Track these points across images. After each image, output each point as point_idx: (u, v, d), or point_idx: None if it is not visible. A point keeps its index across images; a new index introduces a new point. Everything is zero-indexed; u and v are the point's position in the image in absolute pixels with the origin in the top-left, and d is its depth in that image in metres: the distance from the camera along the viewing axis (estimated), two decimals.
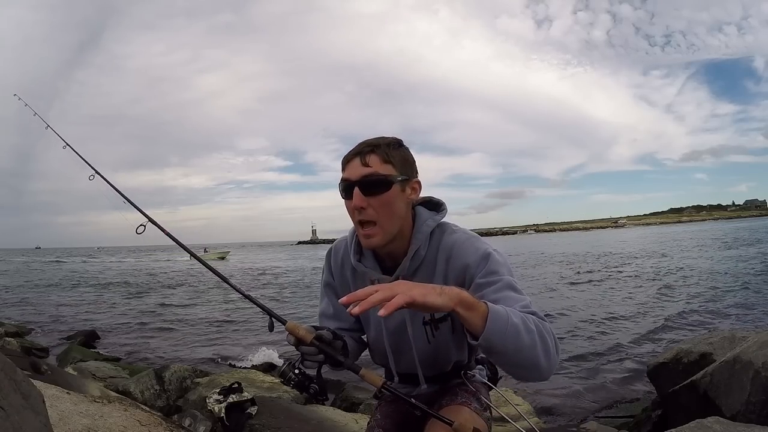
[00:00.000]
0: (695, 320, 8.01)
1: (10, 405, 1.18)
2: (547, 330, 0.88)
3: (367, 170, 1.03)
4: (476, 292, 0.99)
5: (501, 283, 0.98)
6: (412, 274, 1.11)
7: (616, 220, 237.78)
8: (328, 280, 1.26)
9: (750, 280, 11.96)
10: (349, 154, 1.08)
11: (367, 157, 1.04)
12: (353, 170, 1.05)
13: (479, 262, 1.03)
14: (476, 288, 1.00)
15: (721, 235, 40.70)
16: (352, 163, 1.06)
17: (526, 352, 0.83)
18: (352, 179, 1.04)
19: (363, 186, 1.03)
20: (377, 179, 1.03)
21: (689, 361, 3.07)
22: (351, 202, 1.05)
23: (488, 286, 0.99)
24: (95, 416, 2.07)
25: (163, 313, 11.18)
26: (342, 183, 1.08)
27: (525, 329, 0.83)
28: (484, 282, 1.00)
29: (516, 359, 0.85)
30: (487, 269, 1.02)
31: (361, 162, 1.04)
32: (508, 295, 0.96)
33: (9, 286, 18.56)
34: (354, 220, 1.08)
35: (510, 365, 0.87)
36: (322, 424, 2.84)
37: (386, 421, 1.21)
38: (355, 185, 1.04)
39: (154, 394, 3.80)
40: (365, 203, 1.03)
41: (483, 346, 0.83)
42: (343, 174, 1.08)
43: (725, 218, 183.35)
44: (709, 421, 1.90)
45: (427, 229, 1.11)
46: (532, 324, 0.85)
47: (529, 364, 0.85)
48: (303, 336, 0.99)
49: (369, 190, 1.03)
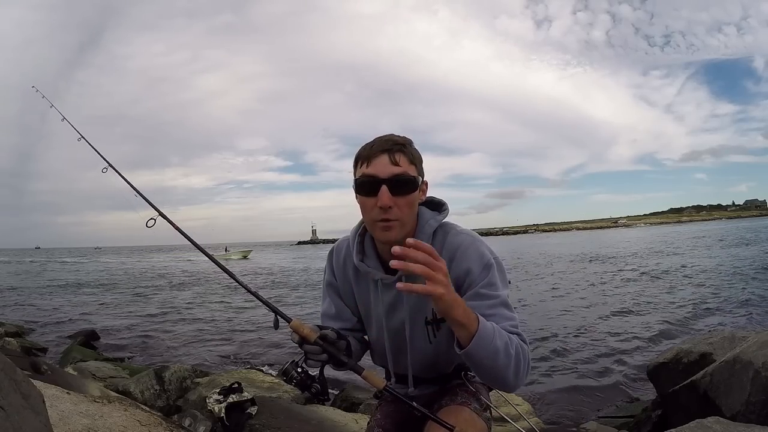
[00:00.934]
0: (695, 320, 8.01)
1: (10, 405, 1.18)
2: (525, 355, 0.95)
3: (398, 170, 1.02)
4: (474, 299, 1.02)
5: (497, 300, 1.02)
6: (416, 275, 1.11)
7: (616, 220, 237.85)
8: (330, 280, 1.25)
9: (750, 280, 11.97)
10: (373, 150, 1.04)
11: (396, 155, 1.03)
12: (382, 167, 1.02)
13: (482, 271, 1.05)
14: (475, 296, 1.02)
15: (721, 235, 40.70)
16: (379, 160, 1.03)
17: (499, 371, 0.92)
18: (381, 177, 1.02)
19: (393, 185, 1.01)
20: (407, 179, 1.03)
21: (689, 361, 3.07)
22: (372, 200, 1.03)
23: (486, 298, 1.02)
24: (95, 416, 2.07)
25: (164, 313, 11.18)
26: (366, 178, 1.03)
27: (504, 353, 0.91)
28: (483, 293, 1.02)
29: (488, 374, 0.94)
30: (488, 281, 1.04)
31: (390, 160, 1.02)
32: (501, 312, 1.01)
33: (15, 286, 18.57)
34: (371, 218, 1.05)
35: (481, 375, 0.98)
36: (322, 424, 2.84)
37: (386, 421, 1.21)
38: (383, 183, 1.01)
39: (154, 394, 3.80)
40: (392, 203, 1.01)
41: (463, 357, 0.91)
42: (367, 170, 1.03)
43: (725, 218, 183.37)
44: (709, 421, 1.90)
45: (429, 230, 1.11)
46: (512, 348, 0.92)
47: (498, 380, 0.96)
48: (307, 335, 0.99)
49: (398, 190, 1.02)
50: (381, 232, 1.05)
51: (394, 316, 1.16)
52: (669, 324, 7.75)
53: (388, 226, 1.03)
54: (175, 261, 37.75)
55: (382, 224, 1.03)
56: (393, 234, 1.04)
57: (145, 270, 28.50)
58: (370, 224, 1.08)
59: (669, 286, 12.19)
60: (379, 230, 1.05)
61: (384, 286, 1.14)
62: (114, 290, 16.87)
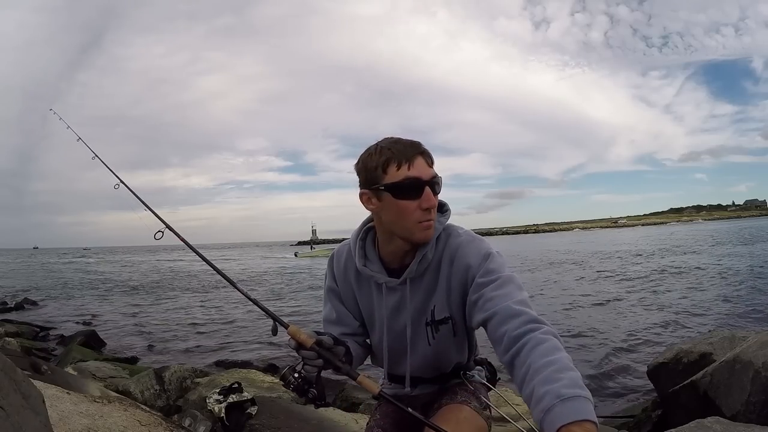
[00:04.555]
0: (695, 320, 8.01)
1: (10, 405, 1.18)
2: (559, 341, 0.87)
3: (434, 172, 1.07)
4: (477, 291, 1.01)
5: (501, 279, 1.00)
6: (420, 277, 1.12)
7: (615, 220, 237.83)
8: (332, 285, 1.25)
9: (751, 279, 11.96)
10: (409, 152, 1.04)
11: (429, 158, 1.07)
12: (423, 170, 1.04)
13: (480, 262, 1.05)
14: (477, 287, 1.02)
15: (721, 234, 40.73)
16: (419, 162, 1.05)
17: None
18: (425, 178, 1.04)
19: (434, 187, 1.05)
20: (440, 181, 1.08)
21: (689, 361, 3.07)
22: (415, 202, 1.04)
23: (489, 284, 1.00)
24: (95, 416, 2.07)
25: (165, 313, 11.18)
26: (410, 181, 1.03)
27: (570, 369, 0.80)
28: (484, 281, 1.01)
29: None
30: (486, 268, 1.03)
31: (426, 162, 1.06)
32: (506, 290, 0.98)
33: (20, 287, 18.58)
34: (413, 219, 1.05)
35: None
36: (322, 424, 2.84)
37: (385, 421, 1.22)
38: (426, 184, 1.04)
39: (154, 394, 3.80)
40: (435, 203, 1.06)
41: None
42: (410, 172, 1.03)
43: (725, 218, 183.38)
44: (709, 421, 1.90)
45: (435, 233, 1.11)
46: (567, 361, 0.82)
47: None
48: (304, 340, 1.00)
49: (435, 191, 1.06)
50: (424, 232, 1.07)
51: (398, 318, 1.16)
52: (669, 324, 7.75)
53: (431, 225, 1.07)
54: (175, 261, 37.75)
55: (427, 224, 1.06)
56: (431, 232, 1.08)
57: (145, 270, 28.51)
58: (410, 226, 1.06)
59: (669, 285, 12.20)
60: (422, 231, 1.06)
61: (388, 289, 1.14)
62: (114, 290, 16.87)
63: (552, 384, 0.76)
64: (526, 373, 0.82)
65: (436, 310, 1.13)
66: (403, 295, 1.13)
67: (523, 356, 0.85)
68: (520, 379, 0.84)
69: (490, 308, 0.96)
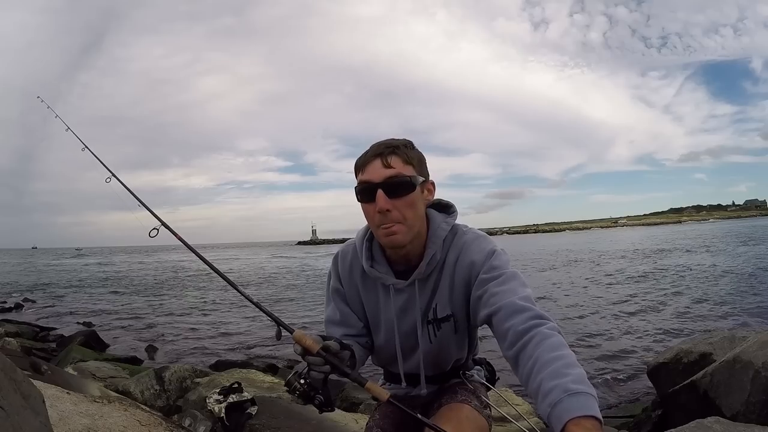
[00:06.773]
0: (695, 320, 8.02)
1: (10, 405, 1.18)
2: (563, 338, 0.87)
3: (391, 171, 1.01)
4: (481, 287, 1.01)
5: (504, 275, 1.00)
6: (426, 277, 1.11)
7: (615, 220, 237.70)
8: (336, 286, 1.23)
9: (751, 279, 11.96)
10: (367, 156, 1.04)
11: (388, 158, 1.02)
12: (375, 172, 1.02)
13: (484, 259, 1.05)
14: (481, 283, 1.02)
15: (722, 234, 40.70)
16: (372, 165, 1.03)
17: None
18: (375, 181, 1.01)
19: (387, 188, 1.01)
20: (402, 180, 1.02)
21: (689, 361, 3.07)
22: (372, 205, 1.02)
23: (492, 280, 1.00)
24: (95, 416, 2.07)
25: (165, 313, 11.18)
26: (361, 186, 1.04)
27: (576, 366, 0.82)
28: (488, 277, 1.01)
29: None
30: (490, 265, 1.03)
31: (382, 164, 1.02)
32: (513, 286, 0.97)
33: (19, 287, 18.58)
34: (374, 224, 1.05)
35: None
36: (322, 424, 2.84)
37: (385, 421, 1.21)
38: (378, 187, 1.01)
39: (154, 394, 3.80)
40: (390, 205, 1.01)
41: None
42: (362, 176, 1.04)
43: (726, 218, 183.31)
44: (709, 421, 1.90)
45: (442, 233, 1.10)
46: (573, 358, 0.83)
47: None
48: (310, 346, 0.97)
49: (394, 192, 1.01)
50: (385, 237, 1.04)
51: (406, 319, 1.15)
52: (669, 324, 7.75)
53: (390, 230, 1.02)
54: (175, 262, 37.74)
55: (384, 229, 1.03)
56: (398, 238, 1.03)
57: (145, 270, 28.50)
58: (374, 231, 1.07)
59: (669, 285, 12.19)
60: (382, 235, 1.05)
61: (395, 290, 1.14)
62: (114, 291, 16.87)
63: (560, 378, 0.77)
64: (533, 367, 0.82)
65: (438, 308, 1.12)
66: (410, 296, 1.13)
67: (529, 351, 0.85)
68: (525, 373, 0.84)
69: (494, 303, 0.96)
